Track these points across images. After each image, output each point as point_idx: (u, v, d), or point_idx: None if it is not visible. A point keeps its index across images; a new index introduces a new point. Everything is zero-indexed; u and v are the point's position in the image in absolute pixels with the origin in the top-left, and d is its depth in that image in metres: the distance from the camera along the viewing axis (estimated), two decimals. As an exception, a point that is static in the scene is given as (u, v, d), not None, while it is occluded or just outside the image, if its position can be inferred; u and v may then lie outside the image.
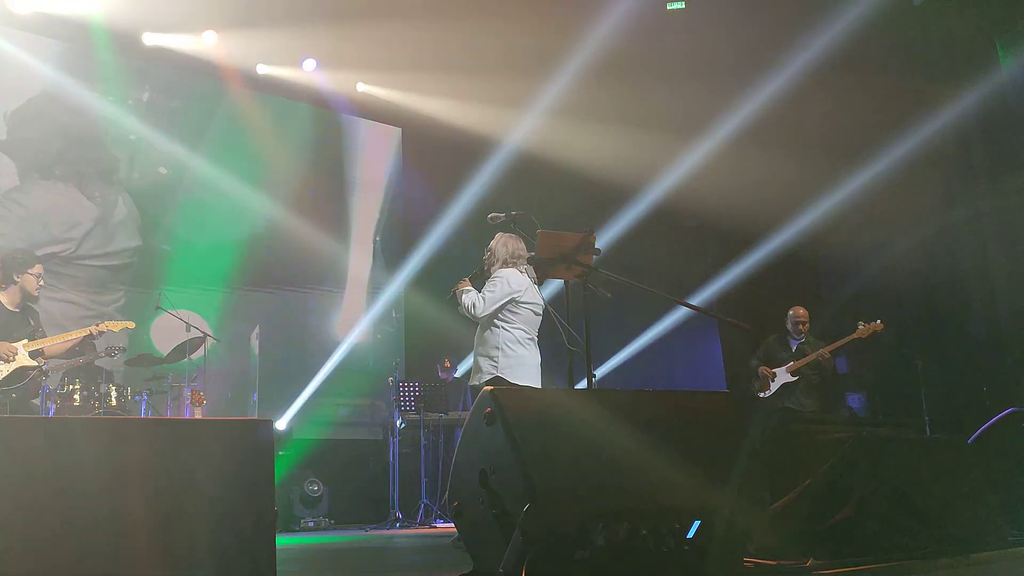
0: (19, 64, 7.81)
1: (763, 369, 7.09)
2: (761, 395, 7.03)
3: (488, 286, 4.70)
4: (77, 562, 2.40)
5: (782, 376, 7.01)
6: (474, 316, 4.67)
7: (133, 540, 2.48)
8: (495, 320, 4.69)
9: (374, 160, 10.08)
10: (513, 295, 4.67)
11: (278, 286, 9.15)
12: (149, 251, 8.42)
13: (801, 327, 7.05)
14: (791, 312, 7.11)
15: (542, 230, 4.29)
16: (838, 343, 6.92)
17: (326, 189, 9.60)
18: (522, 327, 4.70)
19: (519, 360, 4.64)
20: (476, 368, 4.72)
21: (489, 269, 4.82)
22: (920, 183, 8.34)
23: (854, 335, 6.87)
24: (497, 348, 4.64)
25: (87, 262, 8.02)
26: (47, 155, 7.97)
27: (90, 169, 8.22)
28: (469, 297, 4.68)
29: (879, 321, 6.84)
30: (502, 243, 4.83)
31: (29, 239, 7.58)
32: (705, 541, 2.91)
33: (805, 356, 6.93)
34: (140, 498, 2.53)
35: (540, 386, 4.73)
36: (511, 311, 4.68)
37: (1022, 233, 7.80)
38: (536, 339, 4.81)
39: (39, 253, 6.27)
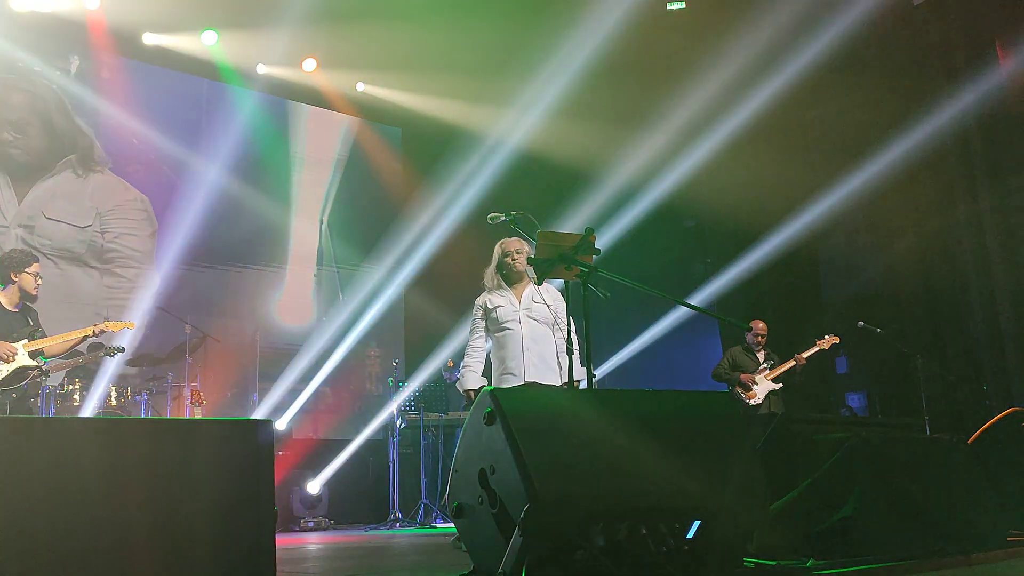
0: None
1: (744, 376, 7.16)
2: (750, 403, 7.09)
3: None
4: (76, 563, 2.40)
5: (765, 384, 7.20)
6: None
7: (132, 540, 2.47)
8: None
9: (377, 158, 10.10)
10: None
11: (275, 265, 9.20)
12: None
13: (761, 339, 7.40)
14: (755, 324, 7.41)
15: (542, 230, 4.27)
16: (808, 352, 7.24)
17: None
18: None
19: None
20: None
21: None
22: (920, 183, 8.34)
23: (816, 347, 7.29)
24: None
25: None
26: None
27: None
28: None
29: (834, 335, 7.34)
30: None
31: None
32: (705, 541, 2.91)
33: (774, 366, 7.24)
34: (140, 498, 2.52)
35: None
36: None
37: (1022, 233, 7.80)
38: None
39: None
